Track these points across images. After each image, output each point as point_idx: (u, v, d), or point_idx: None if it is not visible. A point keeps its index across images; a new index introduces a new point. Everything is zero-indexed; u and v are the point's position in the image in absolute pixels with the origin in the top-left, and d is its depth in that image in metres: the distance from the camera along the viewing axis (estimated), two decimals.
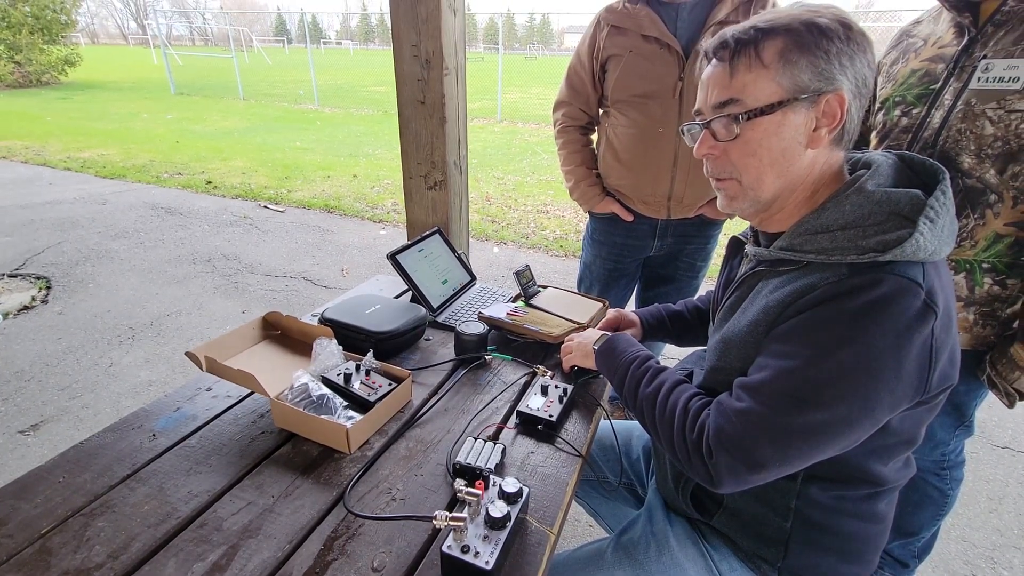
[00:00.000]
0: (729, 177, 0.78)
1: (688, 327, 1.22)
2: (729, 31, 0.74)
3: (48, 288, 3.32)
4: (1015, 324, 1.06)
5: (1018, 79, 0.94)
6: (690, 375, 0.95)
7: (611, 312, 1.27)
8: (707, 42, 0.77)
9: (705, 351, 1.03)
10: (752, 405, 0.70)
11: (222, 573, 0.71)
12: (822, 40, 0.69)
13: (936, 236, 0.66)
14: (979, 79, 0.99)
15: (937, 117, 1.05)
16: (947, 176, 0.71)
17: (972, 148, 1.00)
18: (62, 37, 15.64)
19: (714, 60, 0.76)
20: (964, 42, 1.02)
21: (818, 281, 0.69)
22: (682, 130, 0.83)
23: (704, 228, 1.73)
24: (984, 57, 0.99)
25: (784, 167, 0.74)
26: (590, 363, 1.05)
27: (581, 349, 1.09)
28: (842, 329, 0.65)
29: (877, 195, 0.69)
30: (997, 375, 1.06)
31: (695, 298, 1.24)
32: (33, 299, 3.16)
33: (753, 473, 0.70)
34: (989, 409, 2.38)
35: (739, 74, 0.72)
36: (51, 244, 3.99)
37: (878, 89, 1.21)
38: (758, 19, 0.73)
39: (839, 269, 0.68)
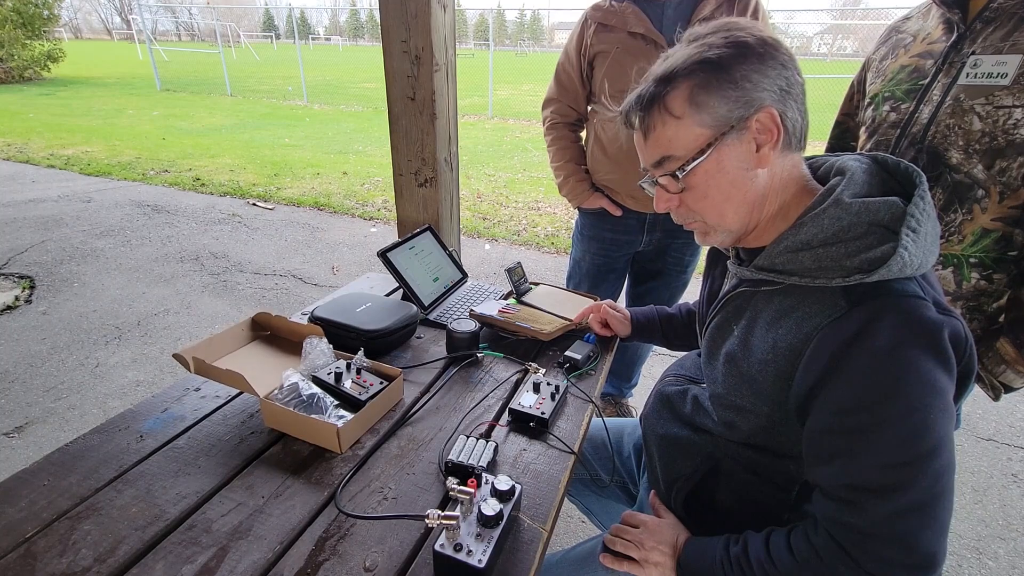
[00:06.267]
0: (694, 221, 0.79)
1: (679, 331, 1.23)
2: (634, 94, 0.75)
3: (32, 287, 3.26)
4: (1001, 318, 1.07)
5: (1006, 75, 0.95)
6: (684, 391, 0.95)
7: (593, 303, 1.29)
8: (623, 105, 0.77)
9: (699, 356, 1.03)
10: (879, 501, 0.62)
11: (212, 575, 0.70)
12: (721, 72, 0.68)
13: (920, 248, 0.64)
14: (967, 75, 1.00)
15: (925, 113, 1.05)
16: (924, 179, 0.69)
17: (960, 143, 1.01)
18: (44, 32, 15.36)
19: (635, 124, 0.76)
20: (953, 38, 1.03)
21: (819, 317, 0.67)
22: (642, 185, 0.83)
23: None
24: (973, 53, 0.99)
25: (740, 196, 0.74)
26: None
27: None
28: (890, 370, 0.61)
29: (855, 206, 0.67)
30: (983, 368, 1.07)
31: (691, 302, 1.24)
32: (16, 299, 3.11)
33: (934, 571, 0.62)
34: (974, 402, 2.42)
35: (657, 132, 0.74)
36: (34, 243, 3.92)
37: (867, 85, 1.22)
38: (656, 70, 0.73)
39: (835, 299, 0.66)
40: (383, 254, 1.38)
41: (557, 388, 1.06)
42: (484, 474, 0.79)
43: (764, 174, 0.72)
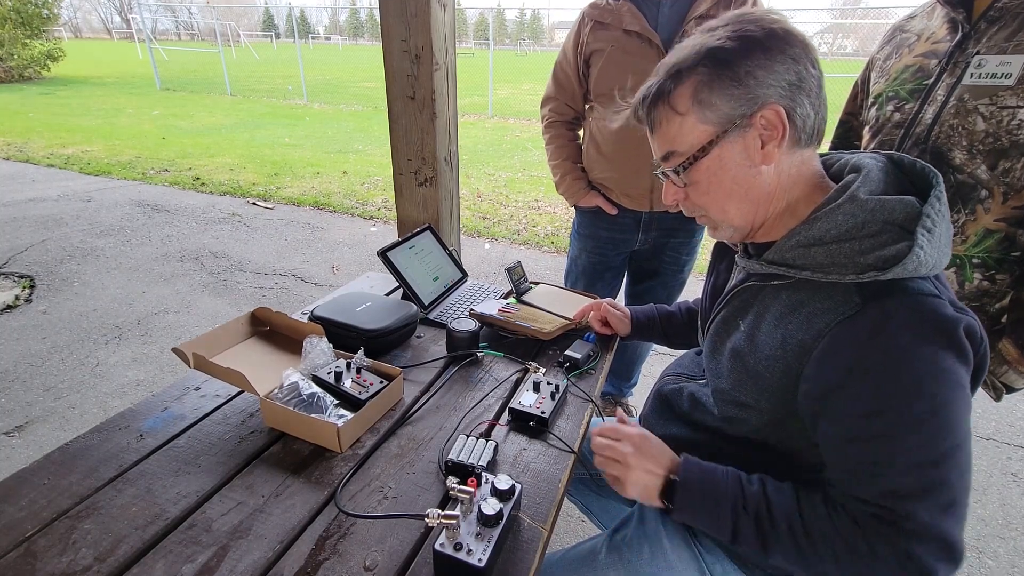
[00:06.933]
0: (701, 215, 0.80)
1: (679, 329, 1.22)
2: (641, 90, 0.75)
3: (32, 287, 3.26)
4: (1003, 319, 1.07)
5: (1010, 75, 0.94)
6: (680, 389, 0.94)
7: (591, 303, 1.29)
8: (633, 99, 0.78)
9: (697, 354, 1.03)
10: (918, 504, 0.62)
11: (212, 574, 0.70)
12: (725, 69, 0.68)
13: (935, 248, 0.64)
14: (972, 75, 0.99)
15: (929, 113, 1.05)
16: (941, 180, 0.68)
17: (964, 144, 1.01)
18: (44, 31, 15.36)
19: (642, 119, 0.77)
20: (957, 38, 1.02)
21: (832, 314, 0.66)
22: (655, 175, 0.83)
23: (688, 222, 1.74)
24: (977, 53, 0.99)
25: (743, 193, 0.73)
26: (655, 504, 0.80)
27: (639, 490, 0.79)
28: (909, 370, 0.61)
29: (870, 204, 0.66)
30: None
31: (691, 300, 1.24)
32: (17, 298, 3.11)
33: (962, 561, 0.63)
34: (974, 401, 2.40)
35: (662, 129, 0.74)
36: (35, 242, 3.92)
37: (871, 84, 1.22)
38: (664, 65, 0.73)
39: (848, 295, 0.65)
40: (383, 253, 1.38)
41: (557, 387, 1.05)
42: (484, 473, 0.78)
43: (769, 171, 0.72)
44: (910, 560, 0.62)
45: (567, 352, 1.20)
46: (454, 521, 0.68)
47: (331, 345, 1.08)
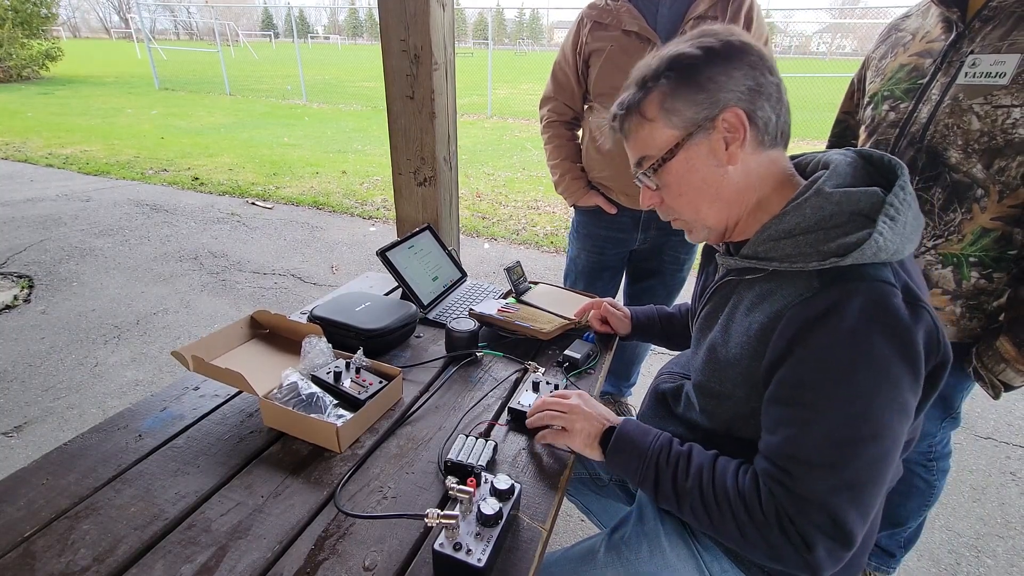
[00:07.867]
0: (676, 217, 0.84)
1: (679, 330, 1.24)
2: (616, 101, 0.81)
3: (31, 287, 3.26)
4: (1001, 317, 1.07)
5: (1004, 74, 0.95)
6: (677, 387, 0.96)
7: (592, 301, 1.30)
8: (610, 111, 0.82)
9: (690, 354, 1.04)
10: (816, 475, 0.65)
11: (211, 575, 0.70)
12: (687, 77, 0.73)
13: (898, 235, 0.66)
14: (966, 74, 1.00)
15: (924, 112, 1.06)
16: (905, 171, 0.72)
17: (959, 143, 1.01)
18: (42, 30, 15.34)
19: (617, 128, 0.82)
20: (952, 37, 1.03)
21: (791, 298, 0.69)
22: (635, 180, 0.86)
23: None
24: (971, 52, 0.99)
25: (713, 193, 0.77)
26: (595, 456, 0.88)
27: (582, 438, 0.87)
28: (847, 352, 0.63)
29: (836, 196, 0.69)
30: (983, 367, 1.07)
31: (690, 301, 1.25)
32: (15, 298, 3.10)
33: (850, 548, 0.65)
34: (972, 400, 2.42)
35: (634, 135, 0.80)
36: (33, 242, 3.92)
37: (867, 83, 1.22)
38: (634, 77, 0.79)
39: (809, 281, 0.68)
40: (382, 253, 1.38)
41: (556, 387, 1.05)
42: (483, 473, 0.78)
43: (736, 171, 0.75)
44: (792, 524, 0.66)
45: (566, 352, 1.20)
46: (453, 521, 0.68)
47: (330, 345, 1.09)
